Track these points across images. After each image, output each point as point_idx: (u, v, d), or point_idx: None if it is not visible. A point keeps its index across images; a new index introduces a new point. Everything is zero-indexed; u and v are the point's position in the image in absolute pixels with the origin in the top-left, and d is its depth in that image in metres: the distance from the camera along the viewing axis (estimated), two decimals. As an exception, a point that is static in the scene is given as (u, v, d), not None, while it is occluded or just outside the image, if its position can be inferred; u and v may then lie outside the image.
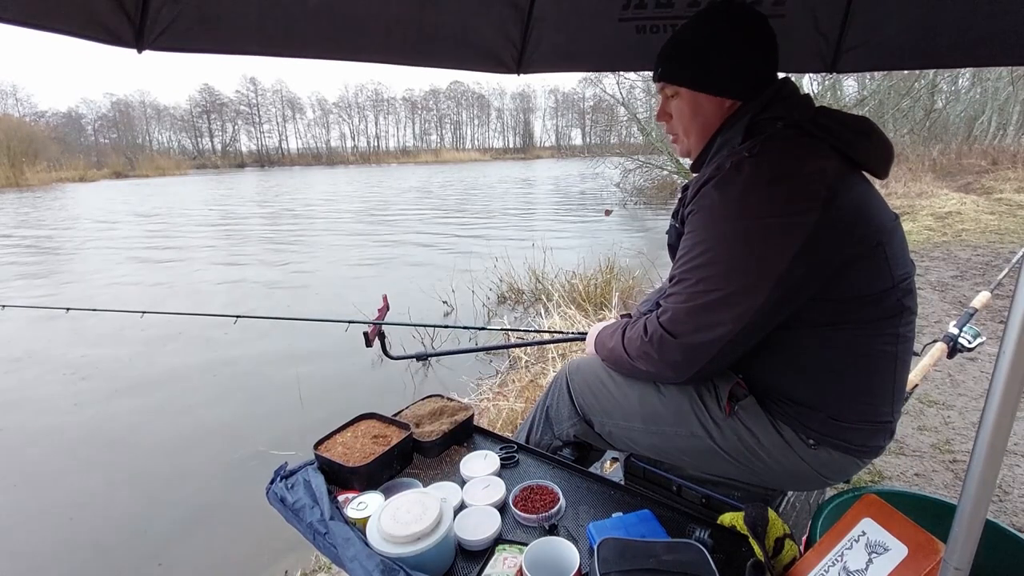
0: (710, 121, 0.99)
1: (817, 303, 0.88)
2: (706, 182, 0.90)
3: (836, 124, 0.90)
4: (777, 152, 0.88)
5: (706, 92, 0.98)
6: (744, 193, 0.86)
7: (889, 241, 0.90)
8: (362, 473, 1.10)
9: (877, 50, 1.58)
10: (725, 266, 0.87)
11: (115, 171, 40.46)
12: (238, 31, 1.19)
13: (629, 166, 16.43)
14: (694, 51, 0.97)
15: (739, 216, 0.86)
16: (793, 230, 0.82)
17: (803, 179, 0.85)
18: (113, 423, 3.49)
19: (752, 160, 0.87)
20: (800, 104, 0.95)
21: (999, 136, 18.89)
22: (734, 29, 0.95)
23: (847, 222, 0.85)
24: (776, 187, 0.85)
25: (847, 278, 0.87)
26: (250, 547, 2.34)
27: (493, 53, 1.57)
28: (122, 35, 1.04)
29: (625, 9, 1.50)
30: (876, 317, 0.90)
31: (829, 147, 0.89)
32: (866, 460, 1.01)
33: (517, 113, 70.92)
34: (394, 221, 12.85)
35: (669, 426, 1.10)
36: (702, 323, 0.89)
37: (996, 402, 0.54)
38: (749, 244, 0.85)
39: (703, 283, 0.88)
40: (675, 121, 1.05)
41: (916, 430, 2.40)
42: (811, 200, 0.83)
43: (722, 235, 0.87)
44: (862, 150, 0.90)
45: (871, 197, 0.91)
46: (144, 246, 10.02)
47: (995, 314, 3.69)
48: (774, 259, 0.83)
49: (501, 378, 3.74)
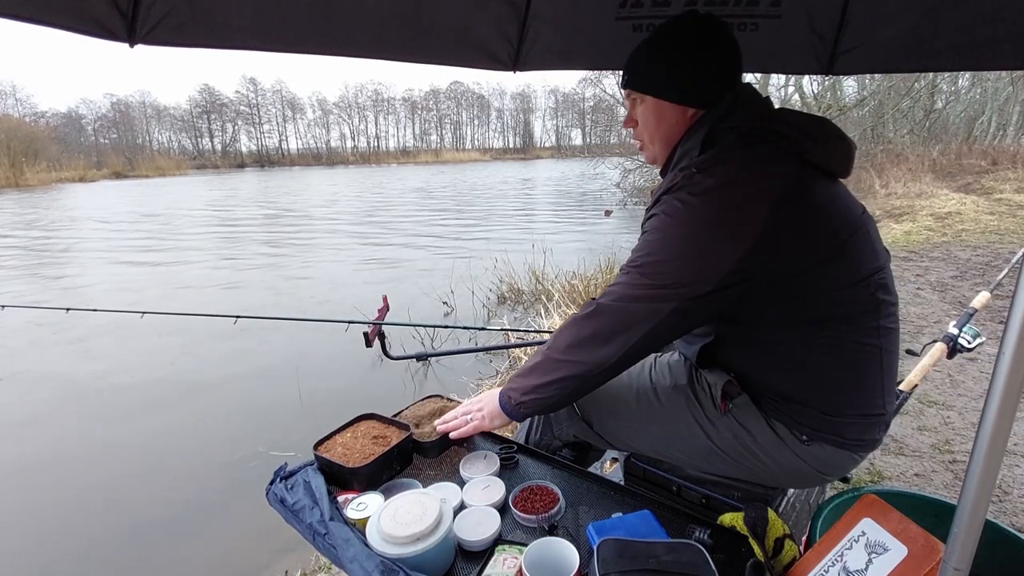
0: (674, 129, 1.02)
1: (793, 299, 0.90)
2: (665, 192, 0.94)
3: (791, 130, 0.92)
4: (727, 163, 0.91)
5: (667, 100, 1.00)
6: (694, 201, 0.89)
7: (852, 237, 0.91)
8: (362, 474, 1.10)
9: (874, 52, 1.58)
10: (668, 264, 0.89)
11: (115, 171, 40.45)
12: (232, 25, 1.18)
13: (629, 166, 16.40)
14: (657, 59, 1.00)
15: (688, 222, 0.89)
16: (738, 237, 0.85)
17: (752, 187, 0.88)
18: (112, 423, 3.49)
19: (704, 172, 0.90)
20: (757, 111, 0.96)
21: (999, 136, 18.89)
22: (693, 37, 0.97)
23: (804, 224, 0.87)
24: (724, 194, 0.88)
25: (814, 277, 0.88)
26: (250, 547, 2.34)
27: (489, 50, 1.57)
28: (114, 29, 1.03)
29: (622, 7, 1.50)
30: (853, 313, 0.91)
31: (785, 152, 0.90)
32: (862, 454, 1.02)
33: (517, 113, 71.00)
34: (394, 221, 12.86)
35: (666, 425, 1.10)
36: (629, 311, 0.92)
37: (996, 402, 0.54)
38: (693, 247, 0.88)
39: (646, 276, 0.91)
40: (641, 128, 1.07)
41: (916, 430, 2.40)
42: (758, 206, 0.86)
43: (671, 237, 0.91)
44: (818, 153, 0.92)
45: (832, 197, 0.92)
46: (144, 246, 10.02)
47: (995, 314, 3.69)
48: (715, 262, 0.86)
49: (501, 378, 3.74)
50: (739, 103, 0.96)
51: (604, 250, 6.36)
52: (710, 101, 0.97)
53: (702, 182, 0.89)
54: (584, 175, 21.80)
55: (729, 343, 1.01)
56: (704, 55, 0.97)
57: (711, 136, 0.95)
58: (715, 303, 0.89)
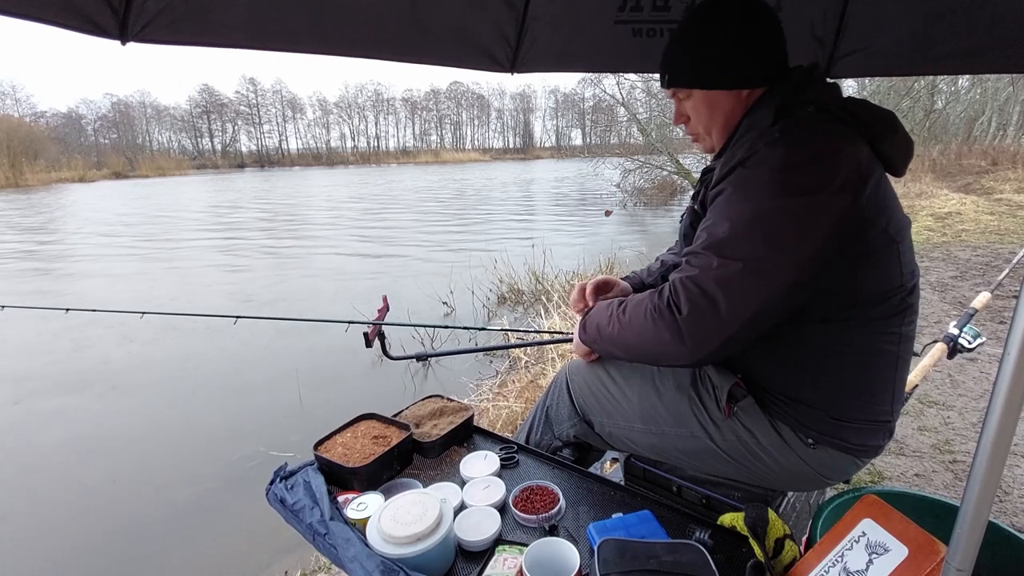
0: (731, 114, 0.97)
1: (826, 297, 0.87)
2: (739, 163, 0.86)
3: (867, 114, 0.89)
4: (812, 133, 0.86)
5: (719, 89, 0.96)
6: (782, 170, 0.82)
7: (903, 239, 0.89)
8: (362, 474, 1.10)
9: (872, 56, 1.57)
10: (757, 243, 0.82)
11: (115, 171, 40.43)
12: (227, 24, 1.16)
13: (629, 166, 16.44)
14: (698, 51, 0.95)
15: (777, 194, 0.82)
16: (829, 210, 0.80)
17: (840, 161, 0.82)
18: (112, 424, 3.49)
19: (788, 140, 0.84)
20: (831, 90, 0.93)
21: (999, 136, 18.89)
22: (731, 16, 0.92)
23: (871, 213, 0.83)
24: (816, 166, 0.82)
25: (861, 272, 0.86)
26: (250, 548, 2.34)
27: (487, 51, 1.56)
28: (104, 25, 1.00)
29: (621, 11, 1.50)
30: (882, 315, 0.89)
31: (859, 135, 0.87)
32: (865, 460, 1.01)
33: (517, 113, 70.97)
34: (394, 222, 12.85)
35: (668, 426, 1.10)
36: (719, 300, 0.82)
37: (1000, 403, 0.54)
38: (787, 221, 0.81)
39: (727, 258, 0.82)
40: (694, 122, 1.02)
41: (916, 430, 2.40)
42: (847, 183, 0.81)
43: (757, 213, 0.83)
44: (888, 143, 0.89)
45: (892, 194, 0.90)
46: (144, 247, 10.02)
47: (995, 314, 3.70)
48: (810, 237, 0.80)
49: (501, 379, 3.74)
50: (812, 80, 0.93)
51: (604, 250, 6.36)
52: (768, 76, 0.93)
53: (792, 150, 0.83)
54: (584, 175, 21.80)
55: None
56: (747, 32, 0.92)
57: (784, 107, 0.90)
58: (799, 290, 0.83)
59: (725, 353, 0.86)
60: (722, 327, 0.83)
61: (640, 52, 1.57)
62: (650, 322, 0.90)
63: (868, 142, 0.87)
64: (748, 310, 0.82)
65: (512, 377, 3.66)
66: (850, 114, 0.88)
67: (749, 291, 0.82)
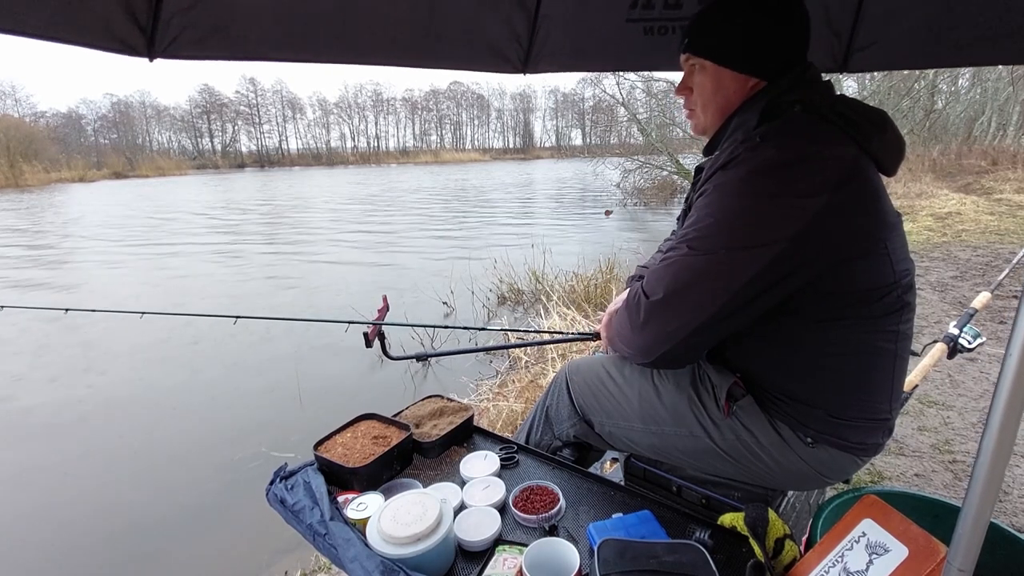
0: (731, 99, 0.98)
1: (819, 296, 0.87)
2: (721, 166, 0.89)
3: (854, 113, 0.89)
4: (791, 136, 0.87)
5: (729, 67, 0.96)
6: (755, 173, 0.85)
7: (891, 237, 0.89)
8: (362, 474, 1.10)
9: (888, 49, 1.56)
10: (723, 237, 0.85)
11: (115, 171, 40.41)
12: (250, 37, 1.19)
13: (629, 167, 16.44)
14: (722, 25, 0.96)
15: (747, 194, 0.85)
16: (798, 212, 0.81)
17: (816, 163, 0.83)
18: (112, 423, 3.49)
19: (766, 143, 0.86)
20: (821, 90, 0.93)
21: (999, 136, 18.87)
22: (763, 6, 0.93)
23: (855, 212, 0.84)
24: (788, 169, 0.84)
25: (850, 271, 0.86)
26: (250, 547, 2.34)
27: (500, 52, 1.56)
28: (135, 45, 1.05)
29: (632, 9, 1.49)
30: (878, 313, 0.89)
31: (845, 135, 0.87)
32: (864, 459, 1.01)
33: (517, 113, 71.04)
34: (394, 222, 12.85)
35: (668, 426, 1.10)
36: (682, 288, 0.88)
37: (1002, 403, 0.54)
38: (752, 218, 0.84)
39: (696, 249, 0.87)
40: (695, 95, 1.03)
41: (916, 430, 2.39)
42: (821, 185, 0.82)
43: (727, 209, 0.86)
44: (877, 143, 0.89)
45: (881, 192, 0.90)
46: (144, 247, 10.02)
47: (995, 314, 3.70)
48: (774, 236, 0.82)
49: (501, 379, 3.74)
50: (804, 79, 0.94)
51: (604, 250, 6.36)
52: (778, 72, 0.94)
53: (768, 154, 0.85)
54: (584, 175, 21.81)
55: (744, 337, 0.97)
56: (783, 24, 0.93)
57: (772, 108, 0.92)
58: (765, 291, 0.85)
59: (685, 352, 0.92)
60: (672, 321, 0.90)
61: (651, 51, 1.56)
62: (624, 309, 0.97)
63: (857, 142, 0.87)
64: (714, 304, 0.86)
65: (512, 377, 3.66)
66: (837, 114, 0.88)
67: (704, 288, 0.86)
